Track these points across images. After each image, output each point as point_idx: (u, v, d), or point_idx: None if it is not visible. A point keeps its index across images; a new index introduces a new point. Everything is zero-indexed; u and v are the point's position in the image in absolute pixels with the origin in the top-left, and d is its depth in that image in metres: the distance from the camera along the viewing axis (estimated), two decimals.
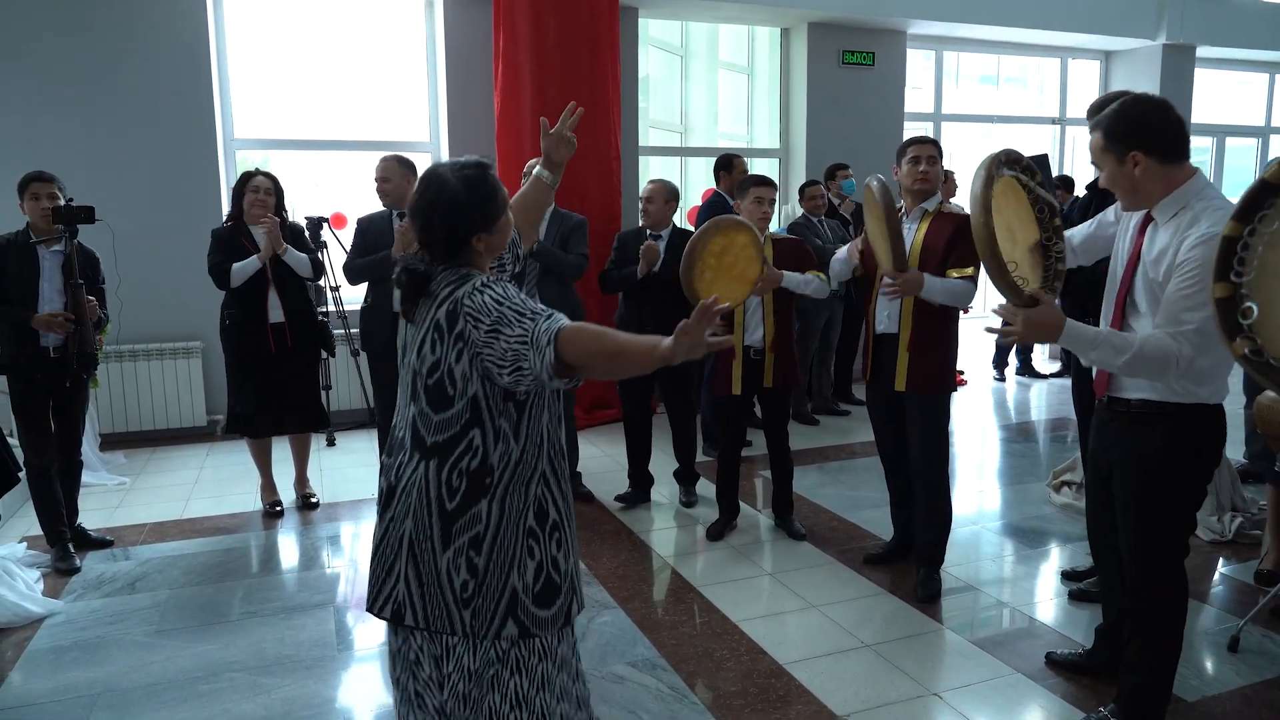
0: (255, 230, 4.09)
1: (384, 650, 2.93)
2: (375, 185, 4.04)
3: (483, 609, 1.71)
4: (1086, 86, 8.70)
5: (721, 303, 3.70)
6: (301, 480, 4.49)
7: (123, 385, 5.52)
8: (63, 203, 3.58)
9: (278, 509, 4.34)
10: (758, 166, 7.56)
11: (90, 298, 3.62)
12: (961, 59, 8.64)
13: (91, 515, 4.21)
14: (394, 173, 4.00)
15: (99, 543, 3.92)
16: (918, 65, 7.98)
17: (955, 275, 3.19)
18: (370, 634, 3.14)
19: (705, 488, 4.55)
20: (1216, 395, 2.22)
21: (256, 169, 4.16)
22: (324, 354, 4.50)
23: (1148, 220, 2.26)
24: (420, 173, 2.07)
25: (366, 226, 4.15)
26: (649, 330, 4.05)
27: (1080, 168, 8.53)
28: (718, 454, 4.15)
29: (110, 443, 5.38)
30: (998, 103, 9.33)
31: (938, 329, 3.29)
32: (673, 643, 3.04)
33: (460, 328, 1.66)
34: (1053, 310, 2.14)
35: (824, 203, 5.96)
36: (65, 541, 3.74)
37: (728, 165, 5.53)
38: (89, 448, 4.91)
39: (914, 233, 3.28)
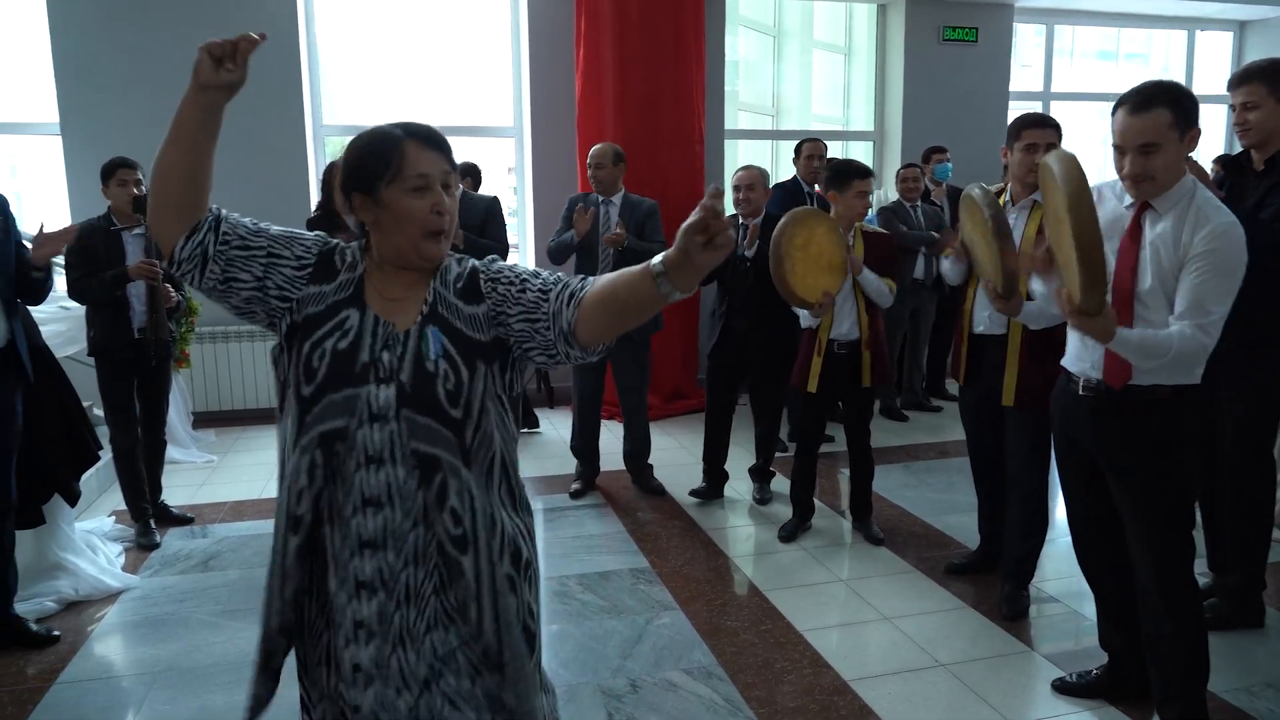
0: (349, 219, 4.10)
1: None
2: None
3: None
4: (1217, 61, 8.02)
5: (826, 294, 3.57)
6: None
7: (215, 365, 5.70)
8: (145, 190, 3.66)
9: None
10: (853, 150, 7.28)
11: (167, 284, 3.71)
12: (1077, 33, 8.09)
13: (177, 492, 4.34)
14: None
15: (180, 519, 4.04)
16: (1027, 41, 7.51)
17: None
18: None
19: (783, 485, 4.37)
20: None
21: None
22: None
23: (1143, 209, 2.23)
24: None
25: None
26: (742, 321, 3.99)
27: (1206, 149, 7.88)
28: (794, 450, 3.96)
29: (202, 421, 5.56)
30: (1117, 80, 8.71)
31: (1048, 334, 2.97)
32: (732, 650, 2.89)
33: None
34: (1111, 319, 2.08)
35: (920, 186, 5.66)
36: (147, 518, 3.86)
37: (798, 151, 5.29)
38: (181, 426, 5.08)
39: (1022, 226, 2.96)
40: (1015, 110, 6.96)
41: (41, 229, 2.92)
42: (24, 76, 5.58)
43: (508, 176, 6.82)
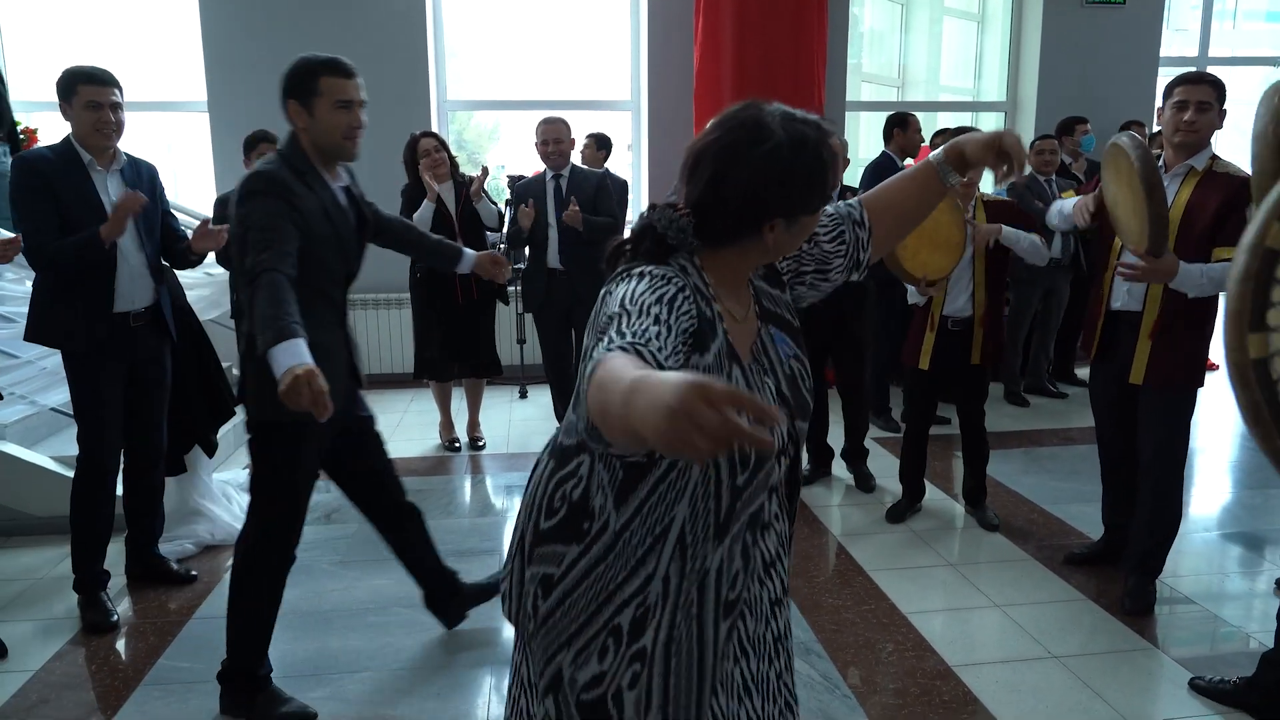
0: (426, 179, 4.35)
1: None
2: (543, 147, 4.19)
3: (536, 653, 1.36)
4: None
5: (934, 277, 3.42)
6: (473, 424, 4.85)
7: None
8: None
9: (455, 445, 4.76)
10: (983, 122, 6.96)
11: None
12: None
13: None
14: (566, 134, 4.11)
15: None
16: (1181, 3, 6.96)
17: (1227, 255, 2.60)
18: None
19: (893, 465, 4.25)
20: None
21: (419, 132, 4.47)
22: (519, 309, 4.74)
23: None
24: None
25: (522, 191, 4.36)
26: (821, 313, 3.89)
27: None
28: (904, 430, 3.84)
29: None
30: None
31: (1191, 312, 2.74)
32: (832, 628, 2.85)
33: (599, 314, 1.22)
34: None
35: (1056, 160, 5.36)
36: None
37: (903, 124, 5.09)
38: None
39: (1173, 196, 2.72)
40: (1165, 78, 6.48)
41: (205, 223, 3.06)
42: (177, 59, 5.97)
43: (625, 154, 6.86)
